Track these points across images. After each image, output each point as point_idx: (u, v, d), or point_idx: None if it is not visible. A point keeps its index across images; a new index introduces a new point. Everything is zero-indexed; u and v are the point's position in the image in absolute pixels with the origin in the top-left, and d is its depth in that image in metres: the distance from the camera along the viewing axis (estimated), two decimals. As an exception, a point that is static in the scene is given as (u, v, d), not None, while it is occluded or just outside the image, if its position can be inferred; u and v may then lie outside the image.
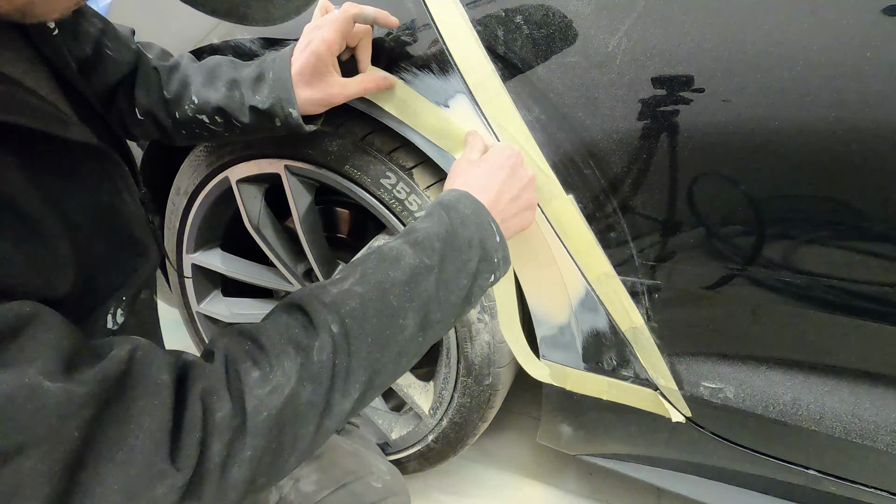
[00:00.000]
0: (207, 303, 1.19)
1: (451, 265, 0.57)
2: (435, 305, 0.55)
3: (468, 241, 0.59)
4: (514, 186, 0.67)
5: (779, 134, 0.62)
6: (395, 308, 0.52)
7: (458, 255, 0.58)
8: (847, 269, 0.65)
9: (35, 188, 0.40)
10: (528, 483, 1.21)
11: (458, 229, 0.59)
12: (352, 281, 0.52)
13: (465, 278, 0.58)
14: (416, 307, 0.53)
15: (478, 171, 0.67)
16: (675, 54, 0.64)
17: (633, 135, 0.68)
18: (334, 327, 0.48)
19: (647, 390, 0.83)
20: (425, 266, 0.55)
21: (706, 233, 0.70)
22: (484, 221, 0.61)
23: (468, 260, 0.58)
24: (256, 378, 0.44)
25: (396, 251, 0.56)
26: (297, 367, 0.46)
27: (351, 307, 0.50)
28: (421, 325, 0.54)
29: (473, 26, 0.72)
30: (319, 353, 0.47)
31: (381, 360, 0.51)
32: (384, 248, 0.56)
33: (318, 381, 0.47)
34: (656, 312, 0.78)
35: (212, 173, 1.00)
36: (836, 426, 0.73)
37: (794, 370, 0.76)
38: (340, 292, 0.51)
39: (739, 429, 0.81)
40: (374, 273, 0.53)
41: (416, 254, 0.55)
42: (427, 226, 0.59)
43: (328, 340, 0.48)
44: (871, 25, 0.56)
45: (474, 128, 0.75)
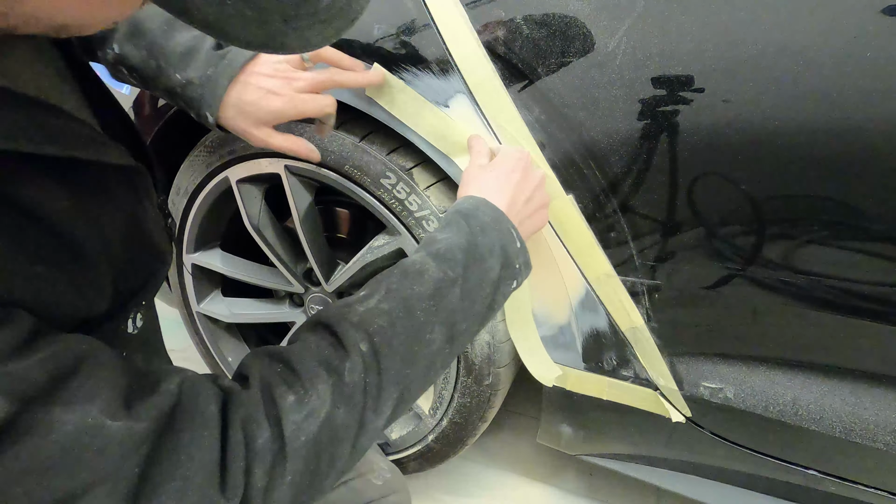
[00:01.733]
0: (207, 303, 1.19)
1: (473, 275, 0.57)
2: (460, 316, 0.55)
3: (489, 249, 0.59)
4: (527, 187, 0.67)
5: (779, 134, 0.62)
6: (421, 323, 0.52)
7: (481, 264, 0.58)
8: (847, 269, 0.65)
9: (77, 212, 0.40)
10: (527, 483, 1.21)
11: (478, 238, 0.59)
12: (377, 298, 0.53)
13: (488, 287, 0.58)
14: (442, 320, 0.54)
15: (491, 176, 0.66)
16: (675, 54, 0.64)
17: (633, 135, 0.68)
18: (363, 346, 0.49)
19: (647, 390, 0.83)
20: (449, 278, 0.55)
21: (706, 233, 0.70)
22: (504, 228, 0.61)
23: (490, 268, 0.58)
24: (292, 402, 0.45)
25: (419, 265, 0.56)
26: (331, 390, 0.46)
27: (378, 325, 0.50)
28: (448, 338, 0.54)
29: (473, 26, 0.72)
30: (351, 373, 0.47)
31: (411, 376, 0.51)
32: (407, 263, 0.56)
33: (352, 401, 0.47)
34: (656, 312, 0.78)
35: (212, 173, 1.00)
36: (836, 426, 0.73)
37: (794, 370, 0.76)
38: (367, 311, 0.51)
39: (739, 429, 0.81)
40: (398, 289, 0.53)
41: (439, 266, 0.56)
42: (448, 236, 0.58)
43: (358, 360, 0.48)
44: (871, 25, 0.56)
45: (474, 128, 0.75)
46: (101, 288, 0.43)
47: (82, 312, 0.41)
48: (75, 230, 0.40)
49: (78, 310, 0.40)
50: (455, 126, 0.76)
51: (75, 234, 0.40)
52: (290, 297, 1.16)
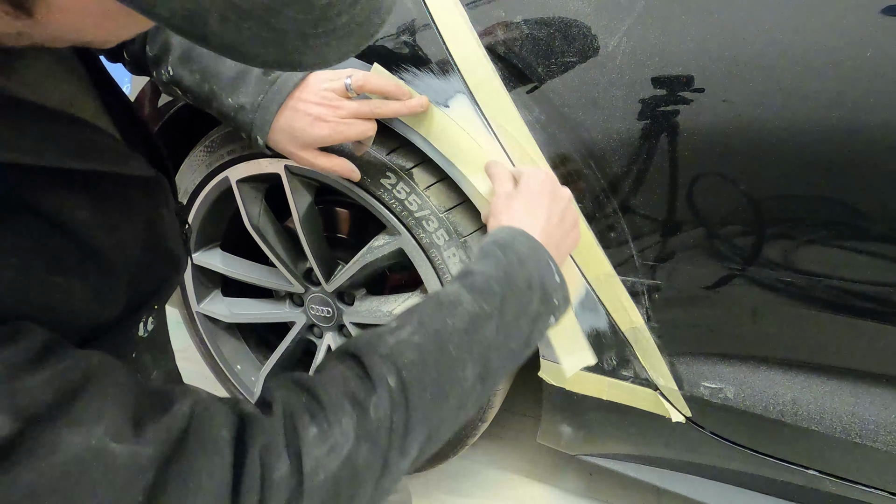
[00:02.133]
0: (207, 303, 1.19)
1: (510, 309, 0.54)
2: (495, 353, 0.52)
3: (527, 282, 0.56)
4: (558, 209, 0.66)
5: (779, 134, 0.62)
6: (454, 358, 0.50)
7: (518, 297, 0.55)
8: (847, 269, 0.65)
9: (98, 221, 0.40)
10: (528, 483, 1.21)
11: (516, 269, 0.56)
12: (409, 330, 0.50)
13: (525, 323, 0.55)
14: (476, 356, 0.51)
15: (520, 204, 0.65)
16: (675, 54, 0.64)
17: (633, 135, 0.68)
18: (391, 380, 0.46)
19: (647, 390, 0.83)
20: (485, 312, 0.53)
21: (706, 233, 0.70)
22: (542, 260, 0.59)
23: (528, 302, 0.56)
24: (314, 435, 0.42)
25: (454, 296, 0.53)
26: (355, 425, 0.44)
27: (409, 359, 0.48)
28: (481, 375, 0.51)
29: (473, 26, 0.72)
30: (376, 409, 0.45)
31: (441, 415, 0.49)
32: (441, 294, 0.54)
33: (376, 440, 0.45)
34: (656, 312, 0.78)
35: (212, 173, 1.00)
36: (836, 426, 0.73)
37: (794, 370, 0.76)
38: (398, 343, 0.49)
39: (739, 429, 0.81)
40: (431, 321, 0.51)
41: (475, 299, 0.53)
42: (484, 268, 0.56)
43: (385, 395, 0.45)
44: (871, 25, 0.56)
45: (474, 128, 0.75)
46: (118, 295, 0.43)
47: (96, 319, 0.40)
48: (96, 239, 0.40)
49: (92, 317, 0.40)
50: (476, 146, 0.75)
51: (96, 243, 0.40)
52: (290, 297, 1.16)
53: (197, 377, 1.37)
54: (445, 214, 0.82)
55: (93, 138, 0.40)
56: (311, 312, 1.08)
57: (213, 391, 0.79)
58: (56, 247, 0.37)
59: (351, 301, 1.05)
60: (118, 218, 0.43)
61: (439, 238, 0.83)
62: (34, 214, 0.36)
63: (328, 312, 1.05)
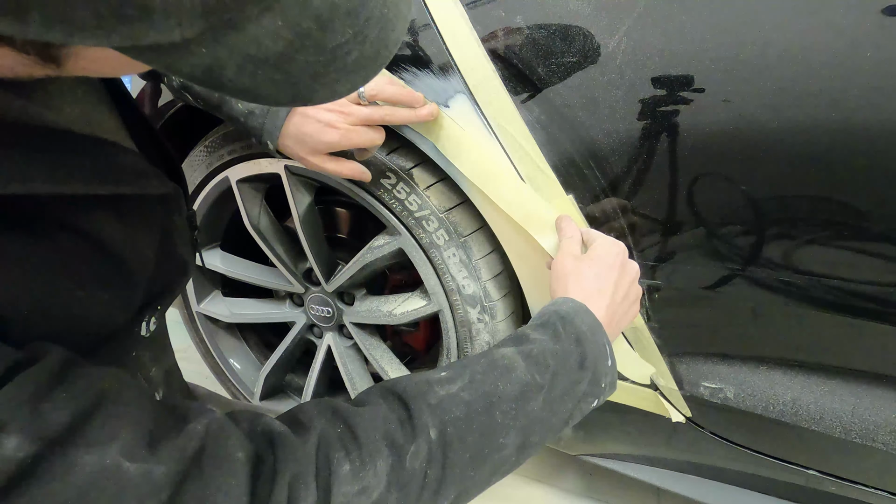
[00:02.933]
0: (207, 303, 1.19)
1: (560, 385, 0.54)
2: (538, 426, 0.52)
3: (581, 362, 0.56)
4: (625, 284, 0.65)
5: (779, 134, 0.62)
6: (498, 425, 0.49)
7: (570, 375, 0.55)
8: (847, 269, 0.65)
9: (122, 236, 0.42)
10: (528, 483, 1.21)
11: (572, 347, 0.56)
12: (460, 385, 0.49)
13: (570, 401, 0.55)
14: (520, 427, 0.50)
15: (591, 273, 0.63)
16: (675, 54, 0.64)
17: (633, 135, 0.68)
18: (433, 433, 0.45)
19: (647, 390, 0.83)
20: (536, 384, 0.52)
21: (706, 233, 0.70)
22: (600, 342, 0.58)
23: (578, 381, 0.55)
24: (346, 472, 0.42)
25: (508, 361, 0.53)
26: (388, 470, 0.43)
27: (455, 416, 0.47)
28: (519, 446, 0.51)
29: (473, 26, 0.72)
30: (413, 459, 0.44)
31: (474, 479, 0.48)
32: (496, 355, 0.53)
33: (407, 490, 0.44)
34: (656, 312, 0.78)
35: (212, 173, 1.00)
36: (836, 426, 0.73)
37: (794, 370, 0.76)
38: (447, 396, 0.48)
39: (739, 429, 0.81)
40: (483, 381, 0.50)
41: (529, 368, 0.53)
42: (542, 338, 0.56)
43: (424, 447, 0.45)
44: (871, 25, 0.56)
45: (474, 128, 0.75)
46: (134, 301, 0.45)
47: (112, 326, 0.42)
48: (120, 251, 0.41)
49: (109, 324, 0.41)
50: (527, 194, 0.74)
51: (119, 256, 0.41)
52: (290, 297, 1.16)
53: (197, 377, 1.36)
54: (445, 214, 0.82)
55: (115, 160, 0.42)
56: (311, 312, 1.08)
57: (213, 391, 0.79)
58: (83, 261, 0.39)
59: (351, 301, 1.05)
60: (138, 230, 0.45)
61: (439, 238, 0.83)
62: (65, 231, 0.37)
63: (328, 312, 1.05)
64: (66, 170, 0.37)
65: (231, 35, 0.26)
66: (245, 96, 0.30)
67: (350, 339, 1.09)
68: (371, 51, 0.31)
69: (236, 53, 0.27)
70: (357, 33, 0.30)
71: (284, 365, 1.20)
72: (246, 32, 0.26)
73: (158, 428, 0.36)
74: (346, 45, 0.30)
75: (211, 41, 0.26)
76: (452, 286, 0.85)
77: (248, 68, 0.28)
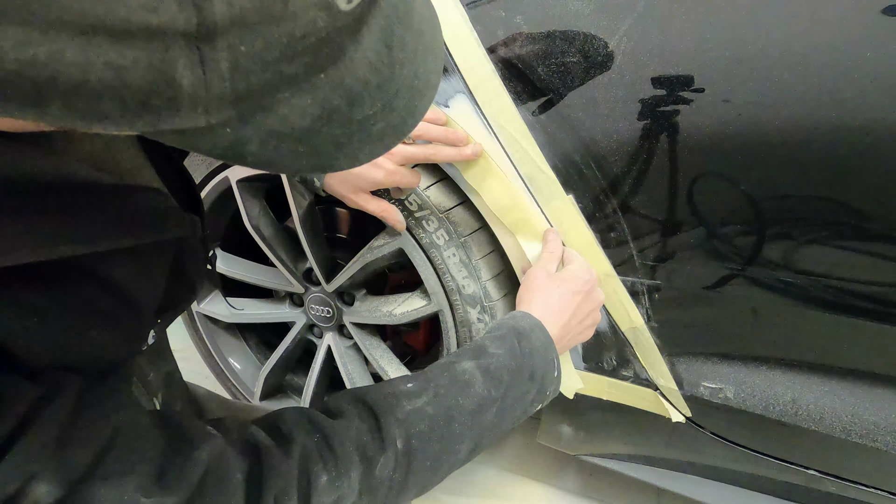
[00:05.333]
0: (207, 303, 1.19)
1: (511, 396, 0.59)
2: (488, 434, 0.58)
3: (531, 374, 0.61)
4: (586, 309, 0.71)
5: (779, 134, 0.62)
6: (456, 435, 0.55)
7: (520, 387, 0.60)
8: (847, 269, 0.65)
9: (137, 276, 0.43)
10: (528, 483, 1.21)
11: (525, 361, 0.61)
12: (425, 399, 0.54)
13: (519, 409, 0.61)
14: (474, 435, 0.56)
15: (557, 293, 0.69)
16: (675, 54, 0.64)
17: (633, 135, 0.68)
18: (399, 444, 0.50)
19: (647, 390, 0.83)
20: (491, 398, 0.57)
21: (706, 233, 0.70)
22: (549, 357, 0.64)
23: (527, 392, 0.61)
24: (324, 483, 0.46)
25: (469, 376, 0.58)
26: (360, 478, 0.48)
27: (419, 429, 0.52)
28: (471, 450, 0.57)
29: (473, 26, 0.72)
30: (382, 468, 0.49)
31: (432, 479, 0.54)
32: (457, 370, 0.58)
33: (375, 495, 0.49)
34: (656, 312, 0.78)
35: (212, 173, 1.00)
36: (836, 426, 0.73)
37: (794, 370, 0.76)
38: (413, 410, 0.53)
39: (739, 429, 0.81)
40: (445, 395, 0.55)
41: (486, 383, 0.58)
42: (499, 352, 0.61)
43: (392, 457, 0.50)
44: (871, 25, 0.56)
45: (474, 128, 0.75)
46: (142, 336, 0.46)
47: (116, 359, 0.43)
48: (133, 289, 0.42)
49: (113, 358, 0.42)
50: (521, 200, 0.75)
51: (132, 293, 0.42)
52: (290, 297, 1.16)
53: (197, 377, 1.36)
54: (445, 214, 0.82)
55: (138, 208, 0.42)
56: (311, 312, 1.08)
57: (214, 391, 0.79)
58: (97, 304, 0.40)
59: (351, 301, 1.05)
60: (152, 269, 0.46)
61: (439, 238, 0.83)
62: (82, 279, 0.38)
63: (328, 312, 1.05)
64: (90, 228, 0.37)
65: (259, 115, 0.25)
66: (266, 168, 0.30)
67: (350, 339, 1.09)
68: (397, 119, 0.31)
69: (261, 131, 0.26)
70: (385, 105, 0.29)
71: (284, 365, 1.20)
72: (275, 113, 0.26)
73: (166, 458, 0.39)
74: (374, 117, 0.29)
75: (237, 122, 0.25)
76: (452, 286, 0.85)
77: (271, 143, 0.27)
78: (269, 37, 0.23)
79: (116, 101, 0.22)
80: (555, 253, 0.74)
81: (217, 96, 0.23)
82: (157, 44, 0.21)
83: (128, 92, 0.22)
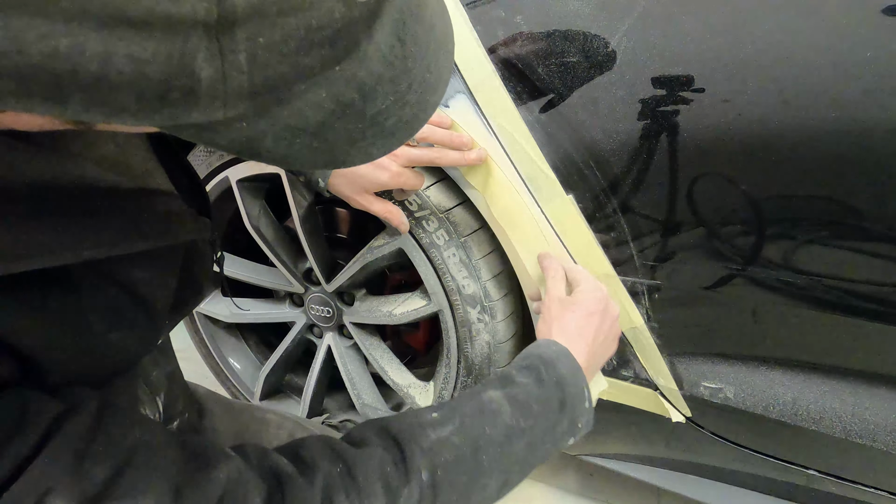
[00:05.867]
0: (207, 303, 1.19)
1: (541, 428, 0.57)
2: (518, 468, 0.56)
3: (561, 404, 0.59)
4: (605, 328, 0.69)
5: (779, 134, 0.62)
6: (484, 468, 0.52)
7: (550, 417, 0.58)
8: (847, 269, 0.65)
9: (152, 278, 0.43)
10: (527, 483, 1.21)
11: (553, 391, 0.59)
12: (450, 429, 0.52)
13: (549, 441, 0.58)
14: (503, 469, 0.54)
15: (573, 317, 0.67)
16: (675, 54, 0.64)
17: (634, 135, 0.68)
18: (425, 475, 0.49)
19: (647, 390, 0.83)
20: (519, 428, 0.55)
21: (706, 233, 0.70)
22: (579, 385, 0.62)
23: (557, 423, 0.59)
24: None
25: (496, 405, 0.56)
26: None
27: (445, 459, 0.50)
28: (501, 485, 0.55)
29: (473, 26, 0.72)
30: (406, 500, 0.47)
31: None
32: (484, 398, 0.56)
33: None
34: (656, 312, 0.78)
35: (212, 173, 1.00)
36: (836, 426, 0.73)
37: (794, 370, 0.76)
38: (438, 440, 0.51)
39: (739, 429, 0.80)
40: (472, 425, 0.54)
41: (514, 413, 0.56)
42: (526, 381, 0.59)
43: (416, 489, 0.48)
44: (871, 25, 0.56)
45: (474, 128, 0.75)
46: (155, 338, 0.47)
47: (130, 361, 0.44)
48: (151, 295, 0.43)
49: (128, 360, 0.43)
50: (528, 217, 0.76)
51: (150, 299, 0.43)
52: (290, 297, 1.16)
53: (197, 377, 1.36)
54: (445, 214, 0.82)
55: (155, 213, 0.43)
56: (311, 312, 1.08)
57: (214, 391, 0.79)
58: (116, 307, 0.40)
59: (351, 301, 1.05)
60: (167, 272, 0.46)
61: (439, 238, 0.83)
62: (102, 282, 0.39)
63: (328, 312, 1.05)
64: (111, 233, 0.38)
65: (274, 109, 0.26)
66: (279, 163, 0.30)
67: (350, 339, 1.09)
68: (409, 115, 0.31)
69: (277, 125, 0.26)
70: (398, 99, 0.29)
71: (284, 365, 1.20)
72: (290, 106, 0.26)
73: (184, 477, 0.38)
74: (386, 112, 0.30)
75: (253, 116, 0.25)
76: (452, 286, 0.85)
77: (286, 138, 0.27)
78: (287, 28, 0.23)
79: (135, 94, 0.22)
80: (557, 276, 0.72)
81: (235, 89, 0.23)
82: (177, 35, 0.21)
83: (147, 85, 0.22)
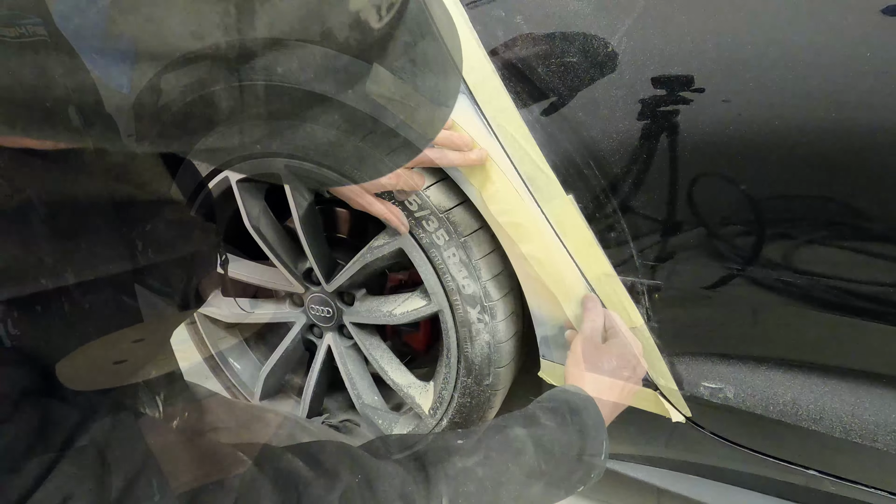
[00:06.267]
0: (207, 303, 1.19)
1: (559, 473, 0.58)
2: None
3: (580, 453, 0.61)
4: (631, 384, 0.71)
5: (779, 134, 0.62)
6: None
7: (569, 465, 0.59)
8: (847, 269, 0.65)
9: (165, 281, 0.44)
10: (528, 483, 1.21)
11: (576, 440, 0.61)
12: (476, 459, 0.53)
13: (564, 487, 0.60)
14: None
15: (608, 369, 0.70)
16: (675, 54, 0.64)
17: (633, 135, 0.68)
18: (445, 502, 0.49)
19: (647, 390, 0.83)
20: (540, 470, 0.57)
21: (706, 233, 0.70)
22: (599, 439, 0.63)
23: (574, 472, 0.60)
24: None
25: (521, 443, 0.57)
26: None
27: (467, 490, 0.51)
28: None
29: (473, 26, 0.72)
30: None
31: None
32: (510, 435, 0.58)
33: None
34: (656, 312, 0.78)
35: (212, 173, 1.00)
36: (836, 426, 0.73)
37: (794, 370, 0.76)
38: (464, 469, 0.52)
39: (739, 429, 0.80)
40: (497, 460, 0.55)
41: (537, 454, 0.57)
42: (553, 426, 0.60)
43: None
44: (871, 25, 0.56)
45: (474, 128, 0.75)
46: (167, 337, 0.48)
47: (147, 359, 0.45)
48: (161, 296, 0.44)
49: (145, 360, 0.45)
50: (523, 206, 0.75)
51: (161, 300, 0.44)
52: (290, 297, 1.16)
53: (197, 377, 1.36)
54: (445, 214, 0.82)
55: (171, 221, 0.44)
56: (311, 312, 1.08)
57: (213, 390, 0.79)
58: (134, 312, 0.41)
59: (351, 301, 1.05)
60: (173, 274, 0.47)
61: (439, 238, 0.83)
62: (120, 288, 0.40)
63: (328, 312, 1.05)
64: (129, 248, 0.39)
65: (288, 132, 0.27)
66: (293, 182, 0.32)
67: (350, 339, 1.09)
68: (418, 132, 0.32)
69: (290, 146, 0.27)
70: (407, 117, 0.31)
71: (284, 365, 1.20)
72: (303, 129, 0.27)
73: (198, 483, 0.39)
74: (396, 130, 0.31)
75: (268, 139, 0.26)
76: (452, 286, 0.85)
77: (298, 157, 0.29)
78: (305, 57, 0.24)
79: (156, 122, 0.23)
80: (597, 321, 0.74)
81: (252, 116, 0.24)
82: (199, 68, 0.22)
83: (166, 113, 0.23)
